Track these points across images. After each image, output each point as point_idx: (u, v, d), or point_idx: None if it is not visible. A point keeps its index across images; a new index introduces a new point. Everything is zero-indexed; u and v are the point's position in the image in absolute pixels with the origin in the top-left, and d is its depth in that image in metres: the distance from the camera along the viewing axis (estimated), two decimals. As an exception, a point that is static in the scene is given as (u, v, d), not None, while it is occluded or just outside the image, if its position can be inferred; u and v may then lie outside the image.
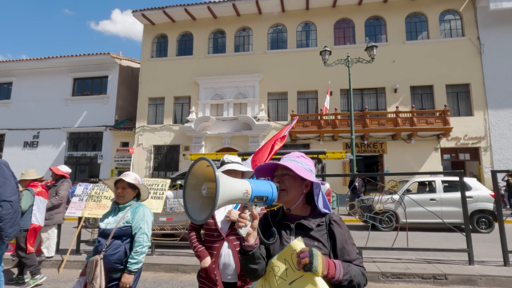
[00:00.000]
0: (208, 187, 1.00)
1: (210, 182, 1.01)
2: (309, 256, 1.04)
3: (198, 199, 1.05)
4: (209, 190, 1.00)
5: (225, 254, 1.93)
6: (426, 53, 15.06)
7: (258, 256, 1.14)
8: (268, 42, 16.89)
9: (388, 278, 3.96)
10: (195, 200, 1.05)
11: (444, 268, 4.04)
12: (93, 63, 17.99)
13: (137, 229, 2.18)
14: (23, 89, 18.78)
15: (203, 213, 1.02)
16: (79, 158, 17.80)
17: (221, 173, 0.95)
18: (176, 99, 17.19)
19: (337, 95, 15.52)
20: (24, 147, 18.15)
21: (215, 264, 1.93)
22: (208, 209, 0.99)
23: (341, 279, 1.08)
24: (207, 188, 1.00)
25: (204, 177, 1.04)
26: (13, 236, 3.05)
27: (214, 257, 1.94)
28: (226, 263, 1.92)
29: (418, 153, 14.17)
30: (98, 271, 1.99)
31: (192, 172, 1.05)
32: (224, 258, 1.93)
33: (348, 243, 1.23)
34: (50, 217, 4.92)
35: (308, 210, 1.32)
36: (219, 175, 0.92)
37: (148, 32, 17.99)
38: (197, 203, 1.05)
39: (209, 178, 1.02)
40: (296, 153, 1.38)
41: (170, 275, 4.38)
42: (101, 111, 17.67)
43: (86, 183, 5.38)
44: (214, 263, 1.94)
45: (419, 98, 15.29)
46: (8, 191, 3.06)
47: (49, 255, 4.96)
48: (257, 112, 15.75)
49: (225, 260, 1.92)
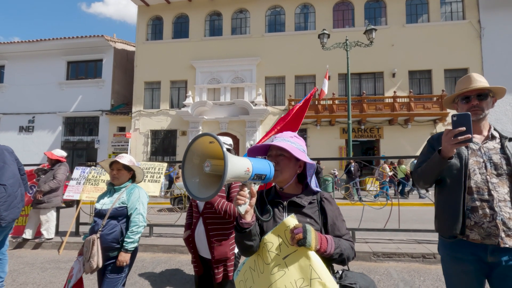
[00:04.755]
0: (213, 164, 0.99)
1: (213, 159, 1.00)
2: (303, 232, 1.08)
3: (198, 176, 1.04)
4: (214, 167, 0.98)
5: (199, 231, 2.01)
6: (426, 36, 14.86)
7: (254, 233, 1.18)
8: (266, 24, 16.54)
9: (379, 257, 4.10)
10: (194, 177, 1.04)
11: (433, 248, 4.18)
12: (86, 46, 17.59)
13: (133, 209, 2.23)
14: (16, 72, 18.41)
15: (205, 190, 1.01)
16: (76, 143, 17.73)
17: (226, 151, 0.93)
18: (172, 83, 16.99)
19: (335, 80, 15.40)
20: (20, 132, 18.01)
21: (192, 237, 2.03)
22: (211, 186, 0.99)
23: (333, 252, 1.13)
24: (211, 165, 0.99)
25: (205, 153, 1.02)
26: (11, 219, 3.09)
27: (192, 231, 2.04)
28: (200, 239, 2.00)
29: (414, 138, 14.26)
30: (95, 250, 2.05)
31: (192, 148, 1.03)
32: (198, 234, 2.01)
33: (338, 219, 1.28)
34: (48, 200, 4.98)
35: (300, 188, 1.36)
36: (227, 152, 0.90)
37: (142, 14, 17.51)
38: (197, 180, 1.04)
39: (212, 155, 1.00)
40: (289, 133, 1.40)
41: (168, 256, 4.50)
42: (97, 95, 17.45)
43: (83, 167, 5.41)
44: (191, 236, 2.04)
45: (417, 83, 15.23)
46: (6, 175, 3.09)
47: (49, 237, 5.05)
48: (254, 97, 15.64)
49: (199, 236, 2.01)
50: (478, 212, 1.46)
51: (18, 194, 3.21)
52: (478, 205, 1.46)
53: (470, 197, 1.49)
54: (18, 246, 5.07)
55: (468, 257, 1.49)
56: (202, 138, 1.00)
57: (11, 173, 3.17)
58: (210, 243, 1.93)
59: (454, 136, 1.37)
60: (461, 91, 1.60)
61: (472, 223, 1.47)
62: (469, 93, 1.58)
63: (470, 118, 1.36)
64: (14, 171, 3.22)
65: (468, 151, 1.55)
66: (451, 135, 1.38)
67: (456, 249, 1.54)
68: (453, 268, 1.58)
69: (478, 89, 1.55)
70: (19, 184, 3.26)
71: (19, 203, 3.24)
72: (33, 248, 5.02)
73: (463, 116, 1.37)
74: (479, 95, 1.56)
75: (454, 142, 1.37)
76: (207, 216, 1.97)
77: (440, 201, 1.62)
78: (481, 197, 1.47)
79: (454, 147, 1.39)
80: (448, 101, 1.72)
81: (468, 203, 1.49)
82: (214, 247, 1.91)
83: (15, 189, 3.16)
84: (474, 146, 1.56)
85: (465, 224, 1.48)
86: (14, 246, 5.05)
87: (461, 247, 1.52)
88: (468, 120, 1.36)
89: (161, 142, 16.83)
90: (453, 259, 1.57)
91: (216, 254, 1.90)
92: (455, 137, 1.37)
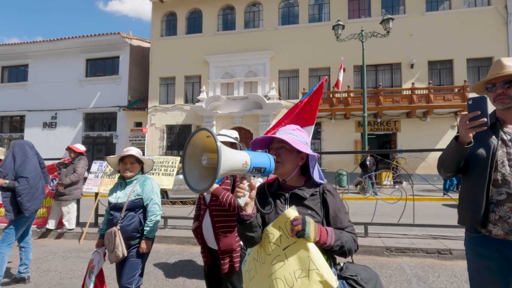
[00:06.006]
0: (209, 157, 1.02)
1: (210, 152, 1.03)
2: (302, 224, 1.09)
3: (197, 169, 1.08)
4: (210, 160, 1.02)
5: (206, 222, 2.05)
6: (447, 25, 14.21)
7: (255, 225, 1.20)
8: (279, 17, 16.33)
9: (392, 252, 4.03)
10: (194, 170, 1.08)
11: (450, 244, 4.06)
12: (104, 44, 18.04)
13: (149, 200, 2.33)
14: (39, 71, 19.18)
15: (203, 182, 1.05)
16: (96, 138, 18.36)
17: (222, 144, 0.96)
18: (186, 78, 17.18)
19: (350, 72, 15.05)
20: (43, 128, 18.83)
21: (200, 229, 2.09)
22: (208, 179, 1.03)
23: (333, 244, 1.13)
24: (208, 158, 1.02)
25: (204, 147, 1.05)
26: (33, 210, 3.27)
27: (200, 223, 2.09)
28: (207, 230, 2.05)
29: (433, 131, 13.78)
30: (117, 241, 2.16)
31: (191, 143, 1.07)
32: (206, 225, 2.06)
33: (341, 212, 1.28)
34: (69, 192, 5.21)
35: (302, 180, 1.36)
36: (221, 145, 0.93)
37: (157, 10, 17.72)
38: (196, 173, 1.08)
39: (209, 149, 1.04)
40: (292, 126, 1.40)
41: (182, 247, 4.62)
42: (114, 91, 17.93)
43: (101, 161, 5.62)
44: (199, 227, 2.09)
45: (436, 74, 14.64)
46: (28, 168, 3.27)
47: (70, 227, 5.30)
48: (267, 91, 15.57)
49: (206, 227, 2.06)
50: (504, 206, 1.38)
51: (39, 186, 3.39)
52: (504, 198, 1.38)
53: (496, 190, 1.40)
54: (43, 235, 5.36)
55: (492, 253, 1.41)
56: (200, 132, 1.04)
57: (33, 166, 3.34)
58: (216, 234, 1.97)
59: (469, 121, 1.31)
60: (486, 78, 1.51)
61: (496, 217, 1.39)
62: (495, 80, 1.48)
63: (486, 101, 1.30)
64: (35, 164, 3.40)
65: (497, 141, 1.45)
66: (466, 119, 1.32)
67: (480, 244, 1.47)
68: (475, 264, 1.51)
69: (504, 76, 1.44)
70: (40, 176, 3.43)
71: (41, 195, 3.42)
72: (56, 238, 5.29)
73: (478, 99, 1.30)
74: (507, 82, 1.45)
75: (469, 127, 1.31)
76: (213, 208, 2.01)
77: (463, 191, 1.55)
78: (508, 190, 1.37)
79: (469, 131, 1.33)
80: (478, 88, 1.61)
81: (493, 196, 1.41)
82: (220, 238, 1.95)
83: (36, 181, 3.34)
84: (506, 136, 1.45)
85: (488, 218, 1.41)
86: (39, 235, 5.34)
87: (486, 243, 1.44)
88: (483, 103, 1.29)
89: (176, 136, 17.14)
90: (476, 255, 1.49)
91: (222, 245, 1.93)
92: (470, 122, 1.31)
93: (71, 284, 3.31)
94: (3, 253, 3.12)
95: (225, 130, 2.25)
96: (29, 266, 3.44)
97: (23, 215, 3.23)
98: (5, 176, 3.18)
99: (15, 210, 3.19)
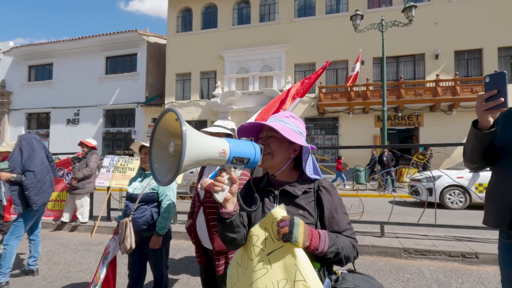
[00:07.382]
0: (176, 143, 0.87)
1: (178, 138, 0.86)
2: (289, 225, 0.92)
3: (168, 158, 0.91)
4: (177, 147, 0.86)
5: (200, 220, 1.90)
6: (476, 11, 13.25)
7: (237, 224, 1.04)
8: (295, 9, 15.92)
9: (410, 254, 3.74)
10: (164, 159, 0.92)
11: (476, 247, 3.72)
12: (122, 41, 18.42)
13: (163, 196, 2.31)
14: (62, 69, 19.92)
15: (171, 174, 0.87)
16: (115, 134, 18.86)
17: (190, 128, 0.81)
18: (202, 74, 17.20)
19: (369, 64, 14.45)
20: (67, 124, 19.58)
21: (193, 227, 1.95)
22: None
23: (326, 251, 0.96)
24: (175, 145, 0.87)
25: (173, 132, 0.89)
26: (41, 203, 3.28)
27: (194, 220, 1.94)
28: (201, 229, 1.90)
29: (459, 126, 12.95)
30: (128, 232, 2.16)
31: (159, 127, 0.90)
32: (200, 223, 1.91)
33: (338, 212, 1.09)
34: (82, 186, 5.29)
35: (295, 176, 1.19)
36: (187, 129, 0.78)
37: (173, 6, 17.83)
38: (167, 162, 0.91)
39: (178, 134, 0.86)
40: (286, 113, 1.23)
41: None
42: (133, 88, 18.31)
43: (112, 156, 5.66)
44: (193, 225, 1.96)
45: (464, 65, 13.74)
46: (35, 162, 3.28)
47: (83, 220, 5.39)
48: (283, 85, 15.28)
49: (200, 226, 1.91)
50: None
51: (47, 180, 3.40)
52: None
53: None
54: (58, 228, 5.49)
55: None
56: (168, 114, 0.87)
57: (40, 160, 3.35)
58: (210, 233, 1.83)
59: (485, 101, 1.09)
60: None
61: None
62: None
63: (505, 77, 1.06)
64: (42, 158, 3.41)
65: None
66: (482, 100, 1.10)
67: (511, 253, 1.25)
68: (508, 276, 1.28)
69: None
70: (47, 170, 3.45)
71: (49, 188, 3.43)
72: (70, 230, 5.40)
73: (496, 75, 1.09)
74: None
75: (484, 108, 1.10)
76: (207, 205, 1.87)
77: (491, 185, 1.33)
78: None
79: (486, 114, 1.11)
80: None
81: None
82: (215, 238, 1.80)
83: (43, 175, 3.35)
84: None
85: None
86: (54, 228, 5.48)
87: None
88: (501, 80, 1.07)
89: (192, 132, 17.24)
90: (508, 264, 1.27)
91: (216, 245, 1.79)
92: (486, 102, 1.09)
93: (77, 278, 3.31)
94: (11, 246, 3.16)
95: (221, 121, 2.08)
96: (38, 258, 3.48)
97: (31, 208, 3.25)
98: (13, 170, 3.21)
99: (23, 204, 3.22)
